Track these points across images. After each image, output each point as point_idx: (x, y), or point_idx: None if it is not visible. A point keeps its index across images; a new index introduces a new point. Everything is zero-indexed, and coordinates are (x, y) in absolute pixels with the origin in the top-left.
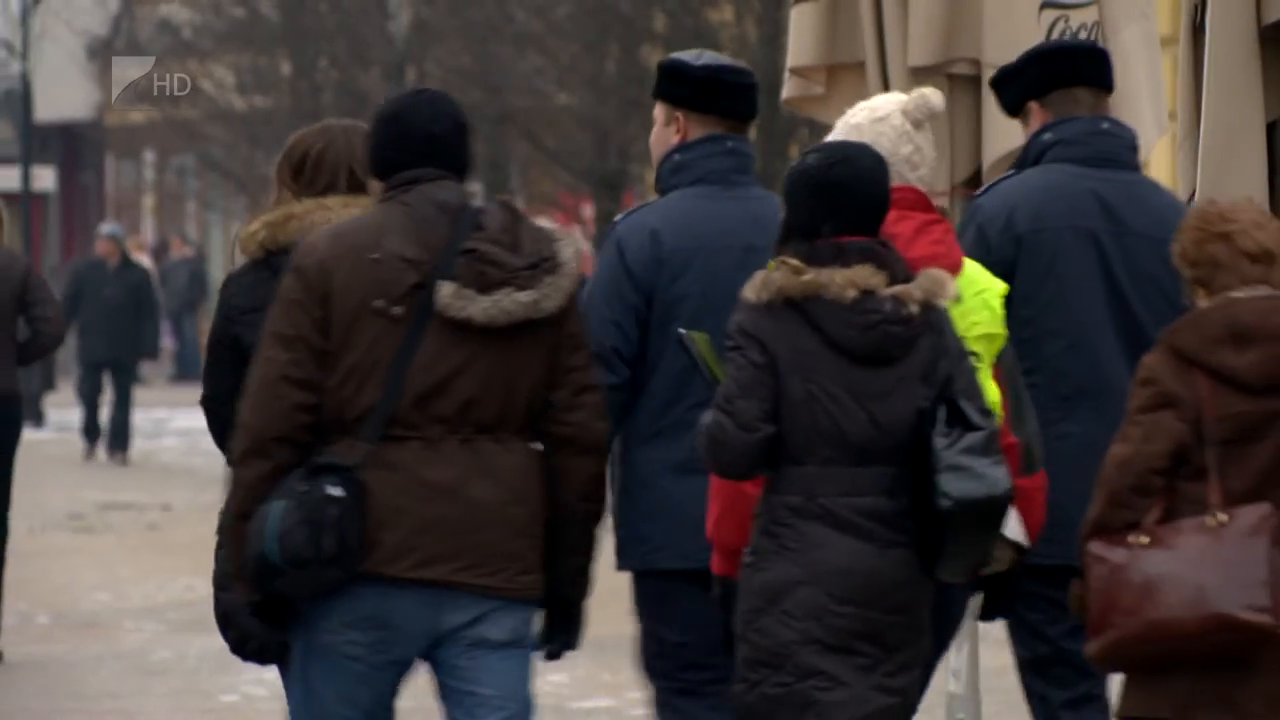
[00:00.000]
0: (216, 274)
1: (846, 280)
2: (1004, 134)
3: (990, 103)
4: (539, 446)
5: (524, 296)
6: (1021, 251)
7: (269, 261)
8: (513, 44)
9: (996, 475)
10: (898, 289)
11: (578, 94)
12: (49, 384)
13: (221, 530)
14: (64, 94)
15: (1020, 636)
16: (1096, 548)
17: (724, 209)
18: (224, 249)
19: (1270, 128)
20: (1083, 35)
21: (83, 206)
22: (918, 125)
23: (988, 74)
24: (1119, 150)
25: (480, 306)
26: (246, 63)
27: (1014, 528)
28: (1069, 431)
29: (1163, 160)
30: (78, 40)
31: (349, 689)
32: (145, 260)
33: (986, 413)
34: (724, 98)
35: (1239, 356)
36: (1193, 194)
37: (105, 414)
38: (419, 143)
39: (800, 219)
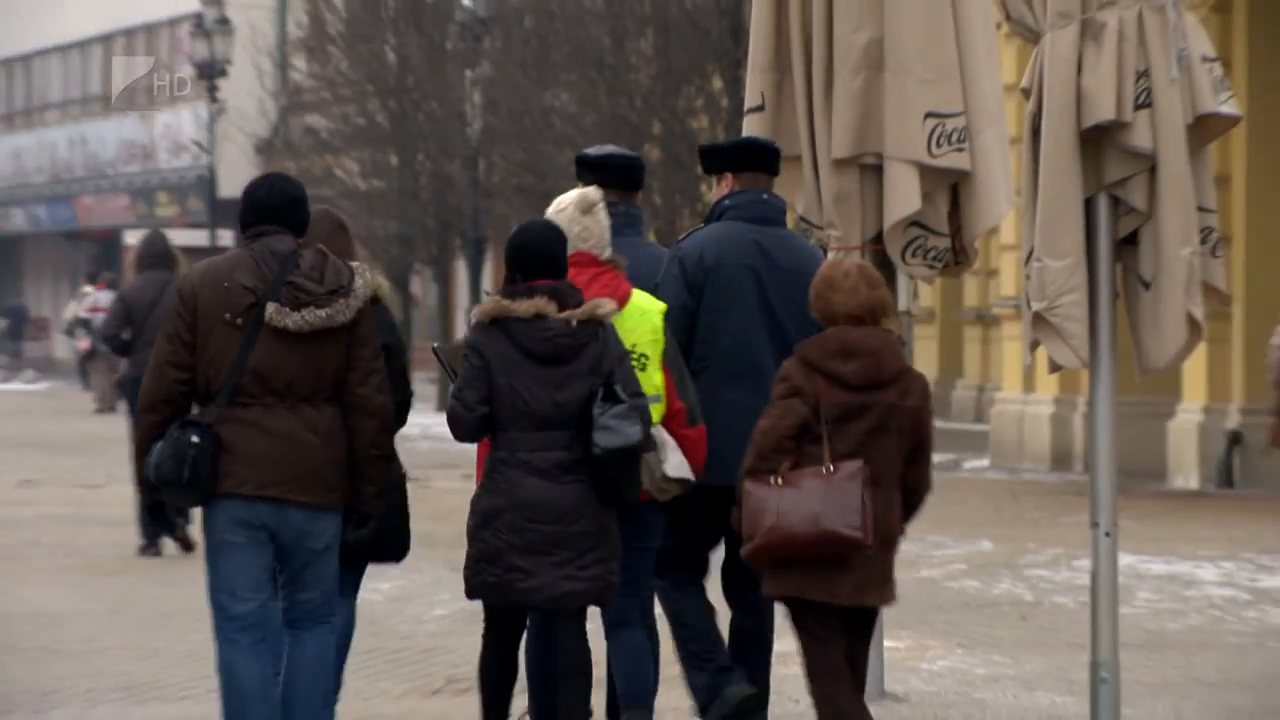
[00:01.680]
0: None
1: (527, 307)
2: (898, 205)
3: (891, 181)
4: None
5: (321, 312)
6: (707, 278)
7: None
8: (554, 144)
9: (630, 431)
10: (566, 313)
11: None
12: None
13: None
14: (239, 178)
15: (667, 533)
16: (748, 486)
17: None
18: None
19: (1086, 202)
20: (954, 136)
21: None
22: (584, 211)
23: (888, 163)
24: (772, 214)
25: (293, 319)
26: (366, 157)
27: (678, 467)
28: (730, 399)
29: (1010, 225)
30: (248, 140)
31: (241, 566)
32: None
33: (636, 393)
34: (610, 174)
35: (844, 365)
36: (1031, 252)
37: None
38: (257, 209)
39: (508, 270)
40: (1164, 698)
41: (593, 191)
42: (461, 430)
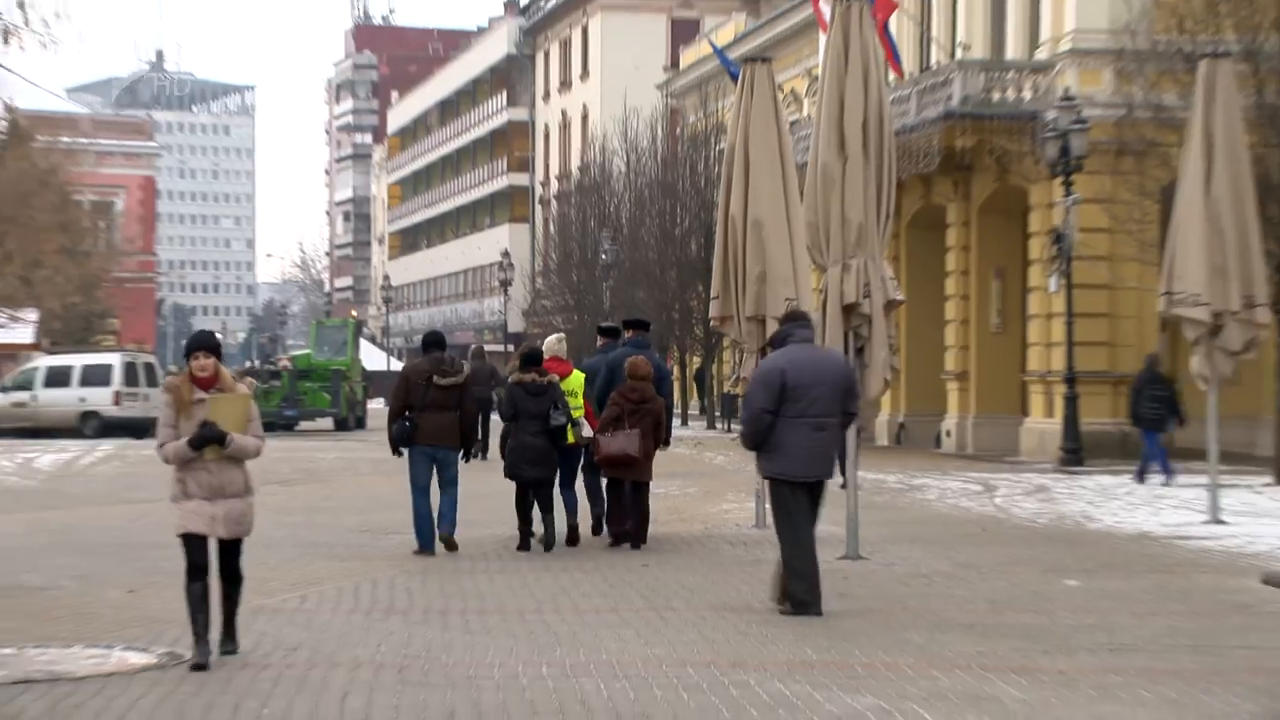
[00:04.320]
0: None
1: (530, 376)
2: (769, 332)
3: (768, 325)
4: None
5: (454, 379)
6: (614, 371)
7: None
8: (638, 311)
9: (561, 419)
10: (544, 378)
11: (662, 323)
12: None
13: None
14: (516, 326)
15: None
16: (598, 437)
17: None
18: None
19: (845, 334)
20: (793, 306)
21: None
22: (558, 343)
23: (768, 320)
24: (643, 343)
25: (443, 381)
26: (564, 316)
27: (586, 430)
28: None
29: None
30: (519, 310)
31: (421, 469)
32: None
33: (565, 406)
34: (610, 331)
35: (634, 395)
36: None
37: None
38: (430, 344)
39: (524, 362)
40: (879, 527)
41: (560, 336)
42: (506, 420)
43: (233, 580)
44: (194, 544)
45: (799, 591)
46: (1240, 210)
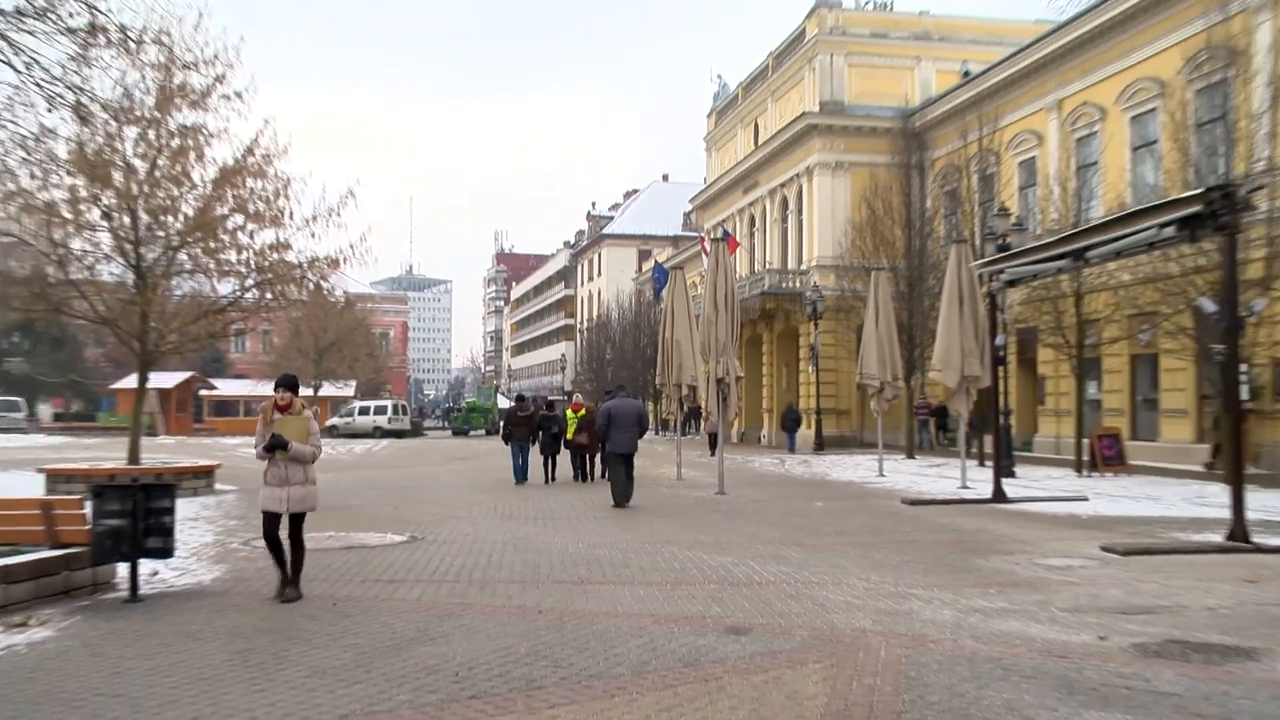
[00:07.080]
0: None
1: (547, 412)
2: (683, 392)
3: (681, 388)
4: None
5: (528, 412)
6: (609, 411)
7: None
8: (630, 385)
9: (555, 429)
10: (553, 411)
11: (635, 386)
12: None
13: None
14: (570, 386)
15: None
16: (574, 436)
17: (625, 404)
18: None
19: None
20: (692, 377)
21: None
22: (575, 395)
23: (683, 385)
24: (623, 396)
25: (522, 413)
26: (590, 385)
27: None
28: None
29: (704, 397)
30: (569, 380)
31: (513, 451)
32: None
33: (564, 426)
34: (618, 388)
35: (587, 419)
36: (705, 401)
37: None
38: (518, 399)
39: (545, 406)
40: (733, 479)
41: (575, 394)
42: (534, 430)
43: (297, 546)
44: (268, 517)
45: (616, 499)
46: (890, 337)
